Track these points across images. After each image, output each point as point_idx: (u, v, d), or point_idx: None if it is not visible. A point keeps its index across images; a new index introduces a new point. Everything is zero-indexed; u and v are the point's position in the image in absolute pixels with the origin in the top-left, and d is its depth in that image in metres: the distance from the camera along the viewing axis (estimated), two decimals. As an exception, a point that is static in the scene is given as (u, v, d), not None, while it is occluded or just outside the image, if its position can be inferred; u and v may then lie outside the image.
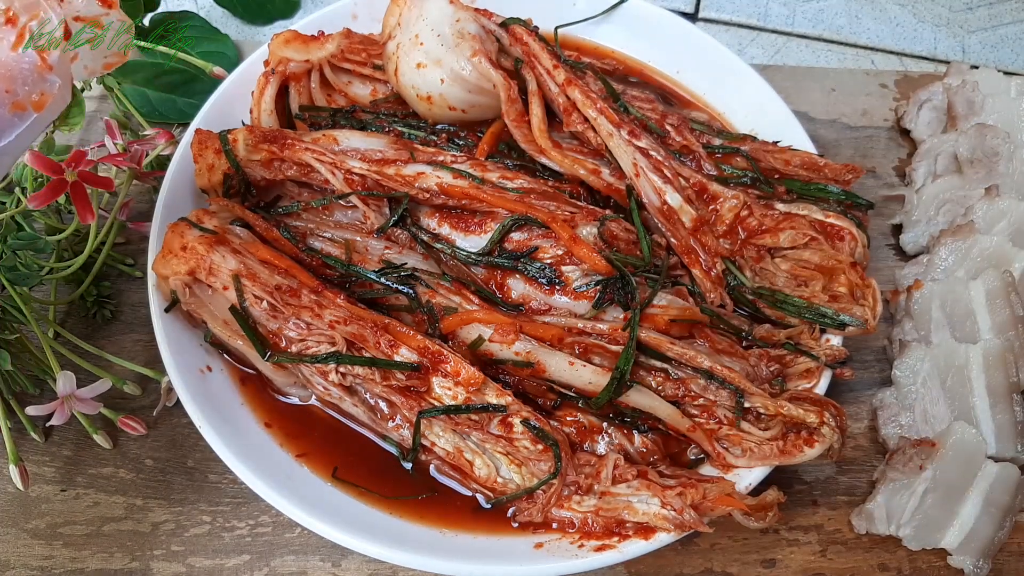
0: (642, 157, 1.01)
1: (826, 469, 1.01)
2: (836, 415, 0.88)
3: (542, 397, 0.93)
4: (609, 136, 1.02)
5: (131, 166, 1.06)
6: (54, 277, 1.04)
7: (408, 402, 0.88)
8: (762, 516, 0.84)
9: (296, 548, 0.94)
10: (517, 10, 1.14)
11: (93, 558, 0.94)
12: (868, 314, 0.94)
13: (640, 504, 0.83)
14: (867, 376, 1.08)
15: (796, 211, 1.01)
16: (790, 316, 0.96)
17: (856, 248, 0.99)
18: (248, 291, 0.90)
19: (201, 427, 0.88)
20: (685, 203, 1.00)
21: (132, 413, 1.00)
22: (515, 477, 0.86)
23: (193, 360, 0.95)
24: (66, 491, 0.98)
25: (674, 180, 1.01)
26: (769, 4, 1.55)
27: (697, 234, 1.00)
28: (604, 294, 0.91)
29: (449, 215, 0.99)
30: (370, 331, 0.88)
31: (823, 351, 0.94)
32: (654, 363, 0.90)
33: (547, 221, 0.93)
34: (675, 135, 1.09)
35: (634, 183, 1.01)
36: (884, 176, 1.27)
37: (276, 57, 1.12)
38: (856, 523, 0.95)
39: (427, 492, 0.89)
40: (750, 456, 0.87)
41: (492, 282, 0.96)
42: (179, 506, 0.97)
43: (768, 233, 1.00)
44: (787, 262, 1.00)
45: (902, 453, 0.95)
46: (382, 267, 0.95)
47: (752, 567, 0.95)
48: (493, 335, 0.89)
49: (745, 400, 0.88)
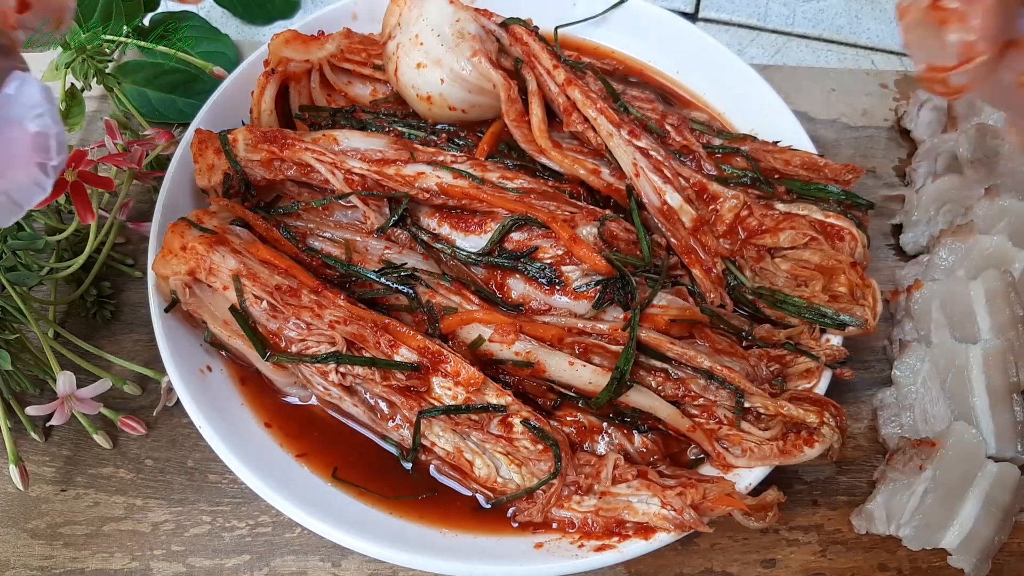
0: (642, 157, 1.01)
1: (826, 469, 1.01)
2: (836, 415, 0.88)
3: (542, 397, 0.93)
4: (609, 136, 1.02)
5: (131, 166, 1.06)
6: (54, 277, 1.04)
7: (408, 402, 0.88)
8: (762, 516, 0.84)
9: (296, 548, 0.94)
10: (517, 10, 1.14)
11: (93, 558, 0.94)
12: (868, 314, 0.94)
13: (640, 504, 0.83)
14: (867, 376, 1.08)
15: (796, 211, 1.02)
16: (790, 316, 0.96)
17: (856, 248, 0.99)
18: (248, 291, 0.90)
19: (201, 427, 0.88)
20: (685, 203, 1.00)
21: (132, 413, 1.00)
22: (515, 477, 0.86)
23: (193, 360, 0.95)
24: (66, 491, 0.98)
25: (674, 180, 1.01)
26: (769, 4, 1.55)
27: (697, 234, 1.00)
28: (604, 294, 0.91)
29: (449, 215, 0.99)
30: (370, 331, 0.88)
31: (823, 351, 0.94)
32: (654, 363, 0.90)
33: (547, 221, 0.93)
34: (675, 135, 1.09)
35: (634, 183, 1.01)
36: (884, 176, 1.27)
37: (276, 57, 1.12)
38: (856, 523, 0.95)
39: (427, 492, 0.89)
40: (750, 456, 0.87)
41: (492, 282, 0.96)
42: (179, 506, 0.97)
43: (768, 233, 1.00)
44: (787, 262, 1.00)
45: (902, 453, 0.95)
46: (382, 267, 0.95)
47: (752, 567, 0.95)
48: (493, 335, 0.89)
49: (745, 400, 0.88)
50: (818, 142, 1.15)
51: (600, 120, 1.03)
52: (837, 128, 1.33)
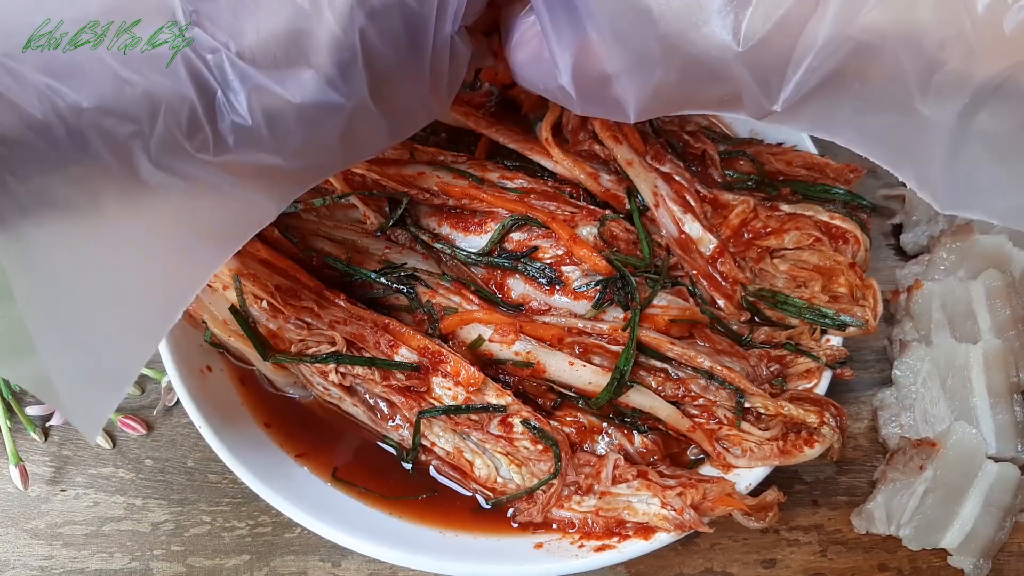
0: (664, 184, 1.00)
1: (826, 469, 1.01)
2: (836, 415, 0.88)
3: (542, 397, 0.93)
4: (628, 164, 1.00)
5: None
6: (54, 277, 1.03)
7: (408, 402, 0.88)
8: (762, 516, 0.84)
9: (296, 548, 0.94)
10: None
11: (93, 558, 0.94)
12: (868, 314, 0.94)
13: (640, 504, 0.83)
14: (867, 376, 1.08)
15: (801, 212, 1.01)
16: (790, 317, 0.96)
17: (859, 251, 0.99)
18: (248, 291, 0.90)
19: (201, 427, 0.88)
20: (705, 231, 0.99)
21: (132, 413, 1.00)
22: (515, 477, 0.86)
23: (193, 360, 0.95)
24: (66, 491, 0.98)
25: (697, 207, 1.00)
26: (769, 4, 1.55)
27: (716, 263, 0.99)
28: (604, 294, 0.91)
29: (449, 215, 0.99)
30: (370, 331, 0.88)
31: (823, 351, 0.93)
32: (654, 363, 0.90)
33: (547, 221, 0.93)
34: (694, 143, 1.08)
35: (654, 213, 0.99)
36: (884, 176, 1.27)
37: (276, 57, 1.12)
38: (856, 523, 0.95)
39: (427, 492, 0.89)
40: (750, 456, 0.87)
41: (492, 282, 0.96)
42: (179, 506, 0.97)
43: (773, 235, 1.00)
44: (785, 262, 1.00)
45: (902, 453, 0.95)
46: (382, 267, 0.95)
47: (752, 567, 0.95)
48: (493, 335, 0.89)
49: (745, 400, 0.88)
50: (818, 142, 1.15)
51: (620, 149, 1.01)
52: (837, 128, 1.32)
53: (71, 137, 0.56)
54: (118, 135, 0.58)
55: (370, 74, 0.66)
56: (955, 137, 0.62)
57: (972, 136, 0.62)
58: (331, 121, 0.66)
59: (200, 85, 0.59)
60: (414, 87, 0.73)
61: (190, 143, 0.60)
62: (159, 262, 0.65)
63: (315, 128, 0.65)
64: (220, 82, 0.59)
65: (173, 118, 0.59)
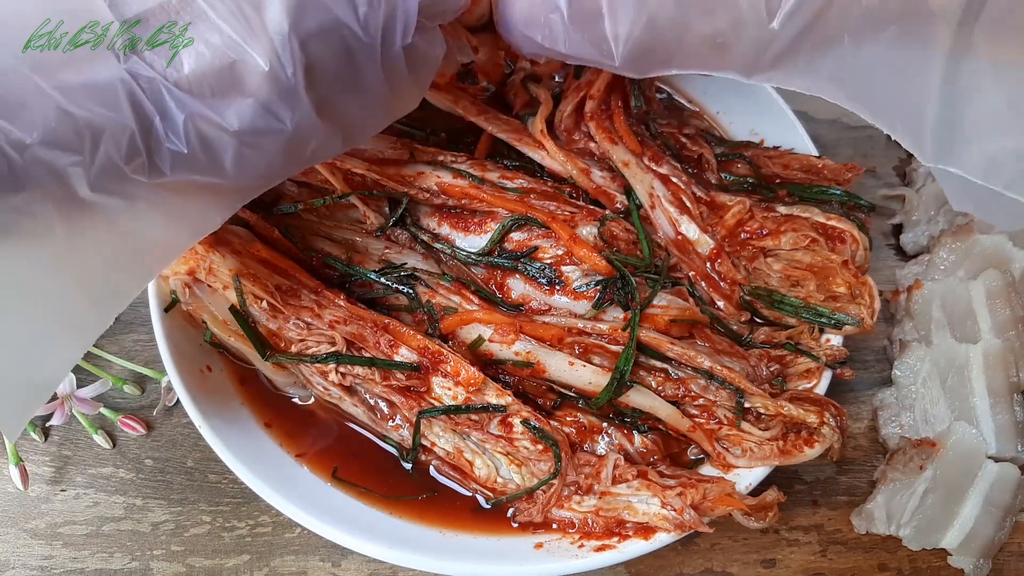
0: (660, 185, 1.00)
1: (826, 469, 1.01)
2: (836, 415, 0.88)
3: (542, 397, 0.93)
4: (625, 165, 1.01)
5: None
6: (54, 277, 1.03)
7: (408, 402, 0.88)
8: (762, 516, 0.84)
9: (296, 548, 0.94)
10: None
11: (93, 558, 0.94)
12: (865, 312, 0.94)
13: (640, 504, 0.83)
14: (867, 376, 1.08)
15: (797, 213, 1.01)
16: (787, 316, 0.96)
17: (857, 251, 0.99)
18: (248, 291, 0.90)
19: (201, 427, 0.88)
20: (702, 233, 0.99)
21: (132, 413, 1.00)
22: (515, 477, 0.86)
23: (193, 360, 0.95)
24: (66, 491, 0.98)
25: (693, 208, 1.00)
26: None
27: (714, 264, 0.99)
28: (604, 294, 0.91)
29: (449, 215, 0.99)
30: (370, 331, 0.88)
31: (823, 351, 0.93)
32: (654, 363, 0.90)
33: (547, 221, 0.93)
34: (691, 145, 1.08)
35: (649, 215, 1.00)
36: (884, 176, 1.27)
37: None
38: (856, 523, 0.95)
39: (427, 492, 0.89)
40: (750, 456, 0.87)
41: (492, 282, 0.96)
42: (179, 506, 0.97)
43: (770, 236, 1.00)
44: (779, 262, 1.00)
45: (902, 453, 0.95)
46: (382, 267, 0.95)
47: (752, 567, 0.95)
48: (493, 335, 0.89)
49: (745, 400, 0.88)
50: (818, 142, 1.15)
51: (617, 150, 1.01)
52: (837, 128, 1.32)
53: (12, 170, 0.57)
54: (59, 165, 0.58)
55: (314, 95, 0.66)
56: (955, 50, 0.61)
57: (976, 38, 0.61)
58: (271, 142, 0.67)
59: (139, 113, 0.60)
60: (368, 98, 0.73)
61: (128, 167, 0.61)
62: (94, 275, 0.65)
63: (255, 150, 0.66)
64: (158, 110, 0.60)
65: (114, 145, 0.59)
